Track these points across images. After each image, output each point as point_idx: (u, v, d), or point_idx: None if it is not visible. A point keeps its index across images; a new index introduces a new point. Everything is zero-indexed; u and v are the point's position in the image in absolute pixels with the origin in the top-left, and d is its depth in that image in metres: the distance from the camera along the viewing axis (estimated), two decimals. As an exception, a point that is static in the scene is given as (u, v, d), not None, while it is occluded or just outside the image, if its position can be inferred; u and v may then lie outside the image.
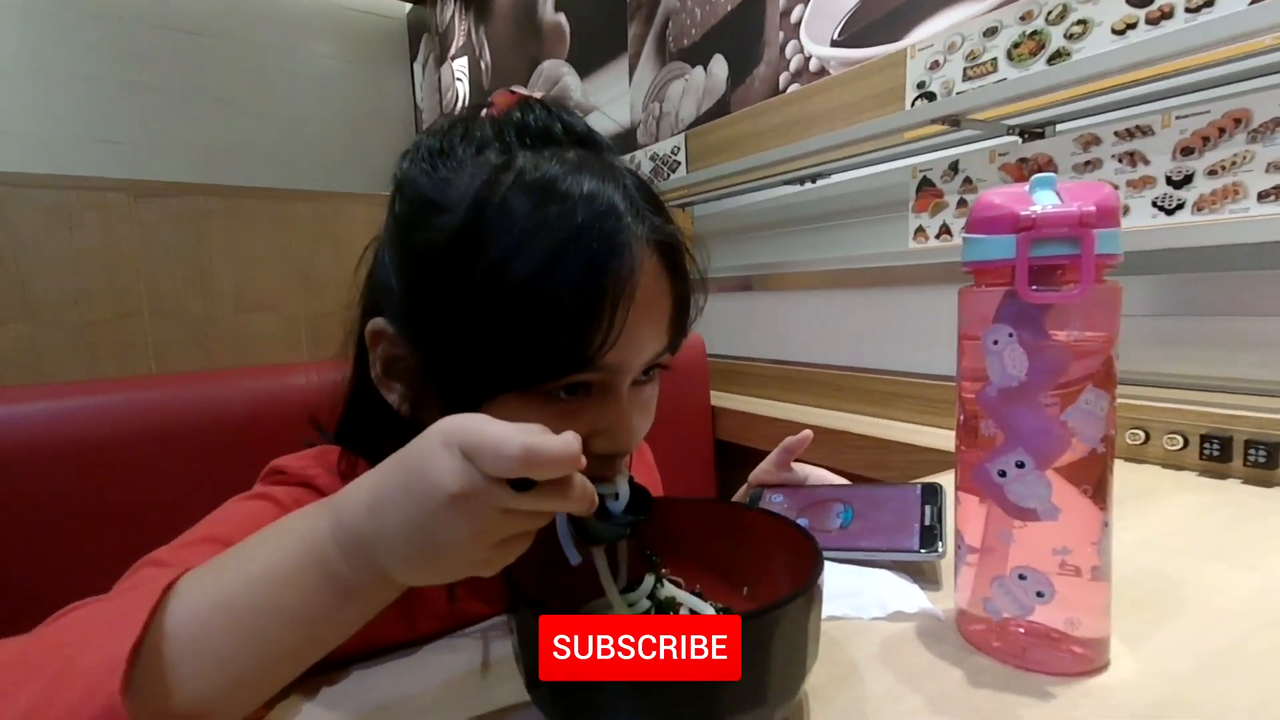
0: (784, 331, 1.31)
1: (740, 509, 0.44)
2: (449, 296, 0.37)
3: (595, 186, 0.37)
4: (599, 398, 0.40)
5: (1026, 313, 0.34)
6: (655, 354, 0.41)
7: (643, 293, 0.37)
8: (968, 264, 0.36)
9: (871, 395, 1.09)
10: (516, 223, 0.35)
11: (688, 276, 0.42)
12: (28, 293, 0.81)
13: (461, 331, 0.37)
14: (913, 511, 0.51)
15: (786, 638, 0.29)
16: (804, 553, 0.35)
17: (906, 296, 1.07)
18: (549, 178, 0.36)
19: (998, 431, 0.36)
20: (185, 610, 0.28)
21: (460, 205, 0.37)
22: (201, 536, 0.39)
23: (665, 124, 1.65)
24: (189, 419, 0.72)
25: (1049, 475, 0.34)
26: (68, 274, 0.83)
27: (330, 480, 0.44)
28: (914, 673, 0.36)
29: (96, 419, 0.68)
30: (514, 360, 0.36)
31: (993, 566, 0.37)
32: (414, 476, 0.27)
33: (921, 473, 0.72)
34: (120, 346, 0.86)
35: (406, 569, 0.28)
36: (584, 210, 0.35)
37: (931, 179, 1.03)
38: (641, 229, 0.37)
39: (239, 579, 0.29)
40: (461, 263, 0.36)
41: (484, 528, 0.27)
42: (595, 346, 0.36)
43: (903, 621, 0.41)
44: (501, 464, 0.25)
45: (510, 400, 0.38)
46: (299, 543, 0.29)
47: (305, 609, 0.28)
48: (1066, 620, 0.35)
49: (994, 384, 0.35)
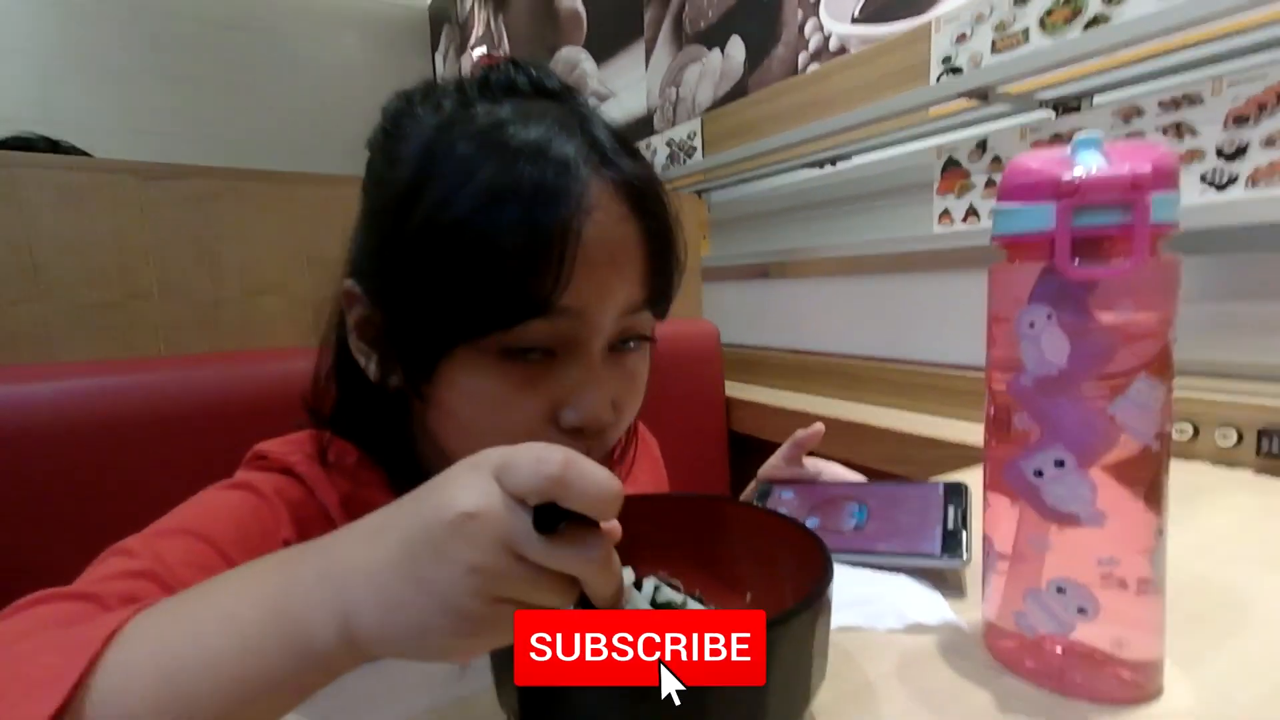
0: (801, 320, 1.26)
1: (743, 507, 0.40)
2: (397, 246, 0.36)
3: (545, 130, 0.36)
4: (566, 359, 0.37)
5: (1068, 291, 0.30)
6: (628, 304, 0.38)
7: (601, 233, 0.35)
8: (999, 237, 0.32)
9: (892, 386, 1.04)
10: (458, 164, 0.34)
11: (665, 223, 0.39)
12: (40, 274, 0.81)
13: (408, 281, 0.36)
14: (934, 512, 0.47)
15: (789, 654, 0.26)
16: (812, 558, 0.32)
17: (930, 282, 1.02)
18: (497, 122, 0.36)
19: (1033, 425, 0.32)
20: (122, 674, 0.24)
21: (412, 156, 0.36)
22: (175, 527, 0.37)
23: (682, 109, 1.61)
24: (197, 401, 0.72)
25: (1093, 475, 0.30)
26: (77, 255, 0.83)
27: (310, 467, 0.42)
28: (935, 693, 0.32)
29: (105, 399, 0.68)
30: (459, 306, 0.35)
31: (1026, 577, 0.33)
32: (429, 491, 0.24)
33: (945, 469, 0.68)
34: (129, 328, 0.86)
35: (376, 613, 0.22)
36: (529, 152, 0.34)
37: (957, 159, 0.97)
38: (598, 170, 0.36)
39: (188, 640, 0.24)
40: (408, 211, 0.35)
41: (485, 564, 0.21)
42: (547, 288, 0.34)
43: (922, 634, 0.38)
44: (538, 472, 0.22)
45: (468, 357, 0.36)
46: (267, 594, 0.25)
47: (254, 679, 0.23)
48: (1113, 639, 0.31)
49: (1029, 372, 0.31)
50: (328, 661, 0.23)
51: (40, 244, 0.77)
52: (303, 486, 0.42)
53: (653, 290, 0.39)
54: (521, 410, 0.37)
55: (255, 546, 0.38)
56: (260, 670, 0.23)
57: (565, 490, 0.21)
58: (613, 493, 0.22)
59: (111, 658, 0.24)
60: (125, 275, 0.83)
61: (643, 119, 1.73)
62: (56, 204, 0.77)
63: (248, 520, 0.39)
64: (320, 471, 0.43)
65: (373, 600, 0.22)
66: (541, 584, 0.22)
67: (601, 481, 0.22)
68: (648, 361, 0.43)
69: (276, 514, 0.40)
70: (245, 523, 0.39)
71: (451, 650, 0.23)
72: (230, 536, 0.38)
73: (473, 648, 0.23)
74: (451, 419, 0.40)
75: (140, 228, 0.84)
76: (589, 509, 0.22)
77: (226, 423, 0.71)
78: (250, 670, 0.23)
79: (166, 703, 0.23)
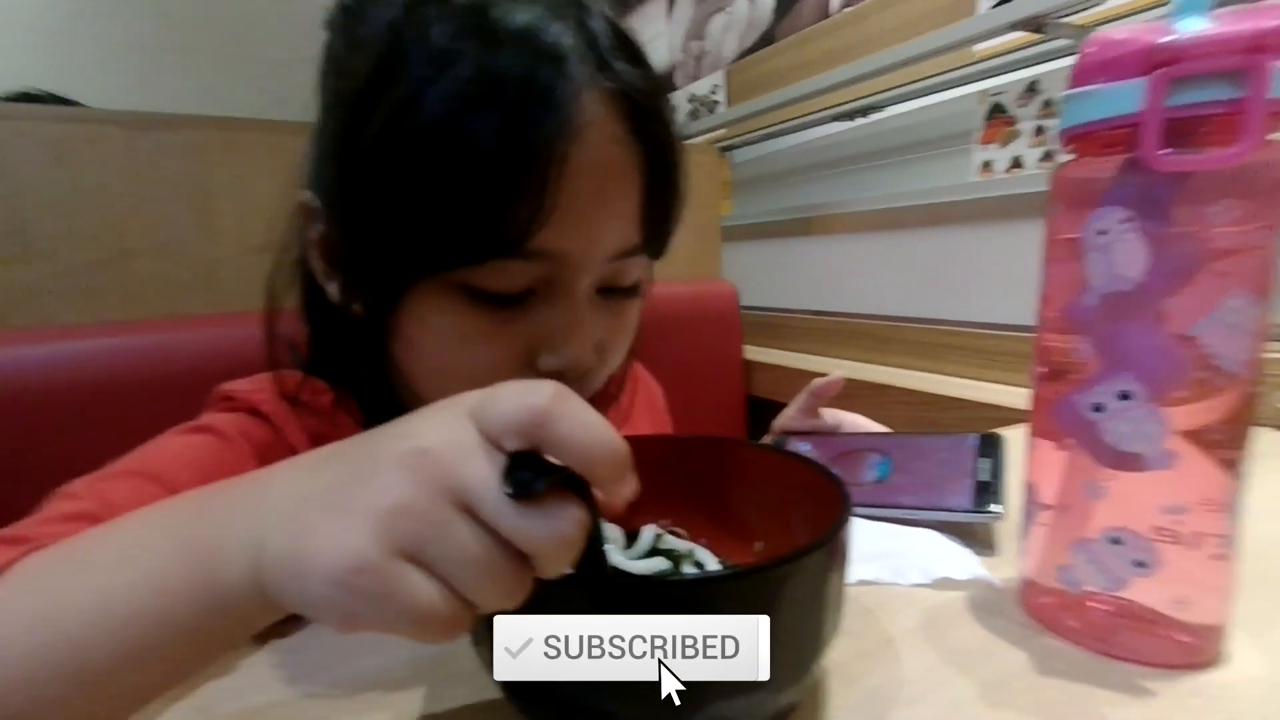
0: (825, 281, 1.21)
1: (753, 448, 0.36)
2: (355, 153, 0.31)
3: (536, 17, 0.29)
4: (546, 296, 0.33)
5: (1151, 190, 0.25)
6: (619, 246, 0.33)
7: (593, 157, 0.30)
8: (1069, 130, 0.27)
9: (921, 348, 0.99)
10: (431, 52, 0.29)
11: (667, 148, 0.33)
12: (29, 233, 0.78)
13: (366, 196, 0.31)
14: (965, 464, 0.43)
15: (797, 601, 0.22)
16: (830, 502, 0.28)
17: (967, 236, 0.96)
18: (479, 3, 0.30)
19: (1093, 354, 0.27)
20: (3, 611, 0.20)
21: (376, 40, 0.31)
22: (127, 469, 0.34)
23: (706, 63, 1.53)
24: (196, 364, 0.69)
25: (1164, 410, 0.26)
26: (63, 212, 0.80)
27: (277, 406, 0.39)
28: (964, 652, 0.29)
29: (101, 364, 0.66)
30: (426, 232, 0.30)
31: (1073, 527, 0.29)
32: (391, 426, 0.19)
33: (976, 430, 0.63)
34: (123, 288, 0.83)
35: (280, 539, 0.18)
36: (515, 44, 0.29)
37: (1004, 104, 0.90)
38: (594, 74, 0.30)
39: (80, 577, 0.21)
40: (369, 103, 0.30)
41: (414, 506, 0.17)
42: (523, 222, 0.29)
43: (950, 590, 0.34)
44: (520, 403, 0.17)
45: (433, 290, 0.32)
46: (178, 523, 0.21)
47: (151, 619, 0.19)
48: (1174, 599, 0.27)
49: (1094, 289, 0.27)
50: (236, 602, 0.19)
51: (27, 201, 0.74)
52: (269, 427, 0.39)
53: (649, 230, 0.34)
54: (491, 352, 0.33)
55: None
56: (158, 610, 0.19)
57: (551, 427, 0.17)
58: (610, 445, 0.17)
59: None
60: (115, 233, 0.79)
61: (663, 75, 1.66)
62: (41, 159, 0.74)
63: (207, 463, 0.36)
64: (288, 411, 0.39)
65: (285, 526, 0.18)
66: (478, 556, 0.16)
67: (597, 426, 0.17)
68: (641, 301, 0.39)
69: (240, 454, 0.37)
70: (204, 464, 0.36)
71: (326, 604, 0.17)
72: (186, 479, 0.34)
73: (351, 610, 0.17)
74: (417, 355, 0.36)
75: (127, 181, 0.81)
76: (578, 459, 0.17)
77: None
78: (147, 609, 0.19)
79: (46, 644, 0.19)
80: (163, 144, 0.81)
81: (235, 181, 0.87)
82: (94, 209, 0.78)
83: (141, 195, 0.81)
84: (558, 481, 0.17)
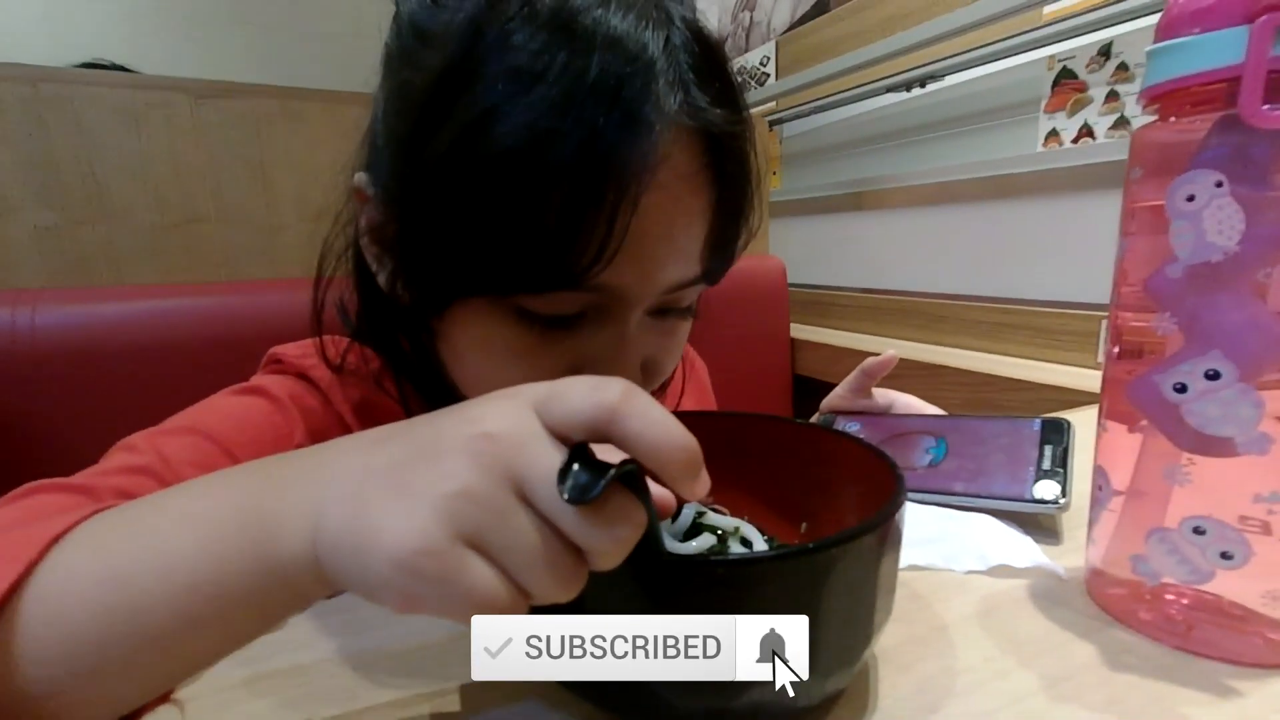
0: (876, 257, 1.17)
1: (801, 426, 0.35)
2: (420, 158, 0.29)
3: (628, 28, 0.27)
4: (596, 319, 0.32)
5: (1248, 150, 0.23)
6: (678, 280, 0.32)
7: (663, 200, 0.28)
8: (1152, 88, 0.25)
9: (979, 327, 0.95)
10: (512, 65, 0.27)
11: (742, 185, 0.32)
12: (104, 196, 0.82)
13: (430, 206, 0.30)
14: (1028, 450, 0.41)
15: (847, 584, 0.22)
16: (883, 482, 0.27)
17: (1028, 210, 0.91)
18: (570, 8, 0.27)
19: (1175, 330, 0.25)
20: (65, 574, 0.21)
21: (451, 36, 0.29)
22: (183, 425, 0.36)
23: (756, 34, 1.49)
24: (256, 324, 0.73)
25: (1259, 391, 0.24)
26: (137, 177, 0.84)
27: (324, 372, 0.40)
28: (1025, 642, 0.27)
29: (170, 322, 0.71)
30: (487, 256, 0.29)
31: (1149, 515, 0.27)
32: (455, 409, 0.19)
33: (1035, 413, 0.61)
34: (189, 251, 0.88)
35: (341, 515, 0.18)
36: (602, 60, 0.26)
37: (1073, 69, 0.85)
38: (676, 107, 0.28)
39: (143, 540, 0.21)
40: (440, 110, 0.28)
41: (478, 492, 0.16)
42: (589, 258, 0.27)
43: (1009, 577, 0.33)
44: (591, 398, 0.17)
45: (484, 305, 0.31)
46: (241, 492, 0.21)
47: (210, 587, 0.19)
48: (1263, 593, 0.25)
49: (1180, 260, 0.24)
50: (290, 573, 0.19)
51: (103, 166, 0.79)
52: (318, 393, 0.40)
53: (710, 265, 0.33)
54: (534, 368, 0.32)
55: (265, 449, 0.37)
56: (215, 577, 0.19)
57: (623, 424, 0.17)
58: (682, 442, 0.17)
59: (57, 557, 0.21)
60: (183, 198, 0.84)
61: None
62: (113, 124, 0.78)
63: (260, 422, 0.37)
64: (335, 378, 0.40)
65: (346, 500, 0.18)
66: (537, 547, 0.17)
67: (668, 424, 0.17)
68: (692, 317, 0.38)
69: (290, 419, 0.38)
70: (257, 424, 0.37)
71: (387, 585, 0.17)
72: (239, 439, 0.36)
73: (412, 592, 0.16)
74: (459, 360, 0.36)
75: (195, 150, 0.85)
76: (649, 456, 0.17)
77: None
78: (204, 576, 0.19)
79: (110, 607, 0.20)
80: (226, 111, 0.84)
81: (295, 150, 0.89)
82: (164, 175, 0.83)
83: (207, 162, 0.85)
84: (614, 479, 0.16)
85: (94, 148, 0.79)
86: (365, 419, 0.41)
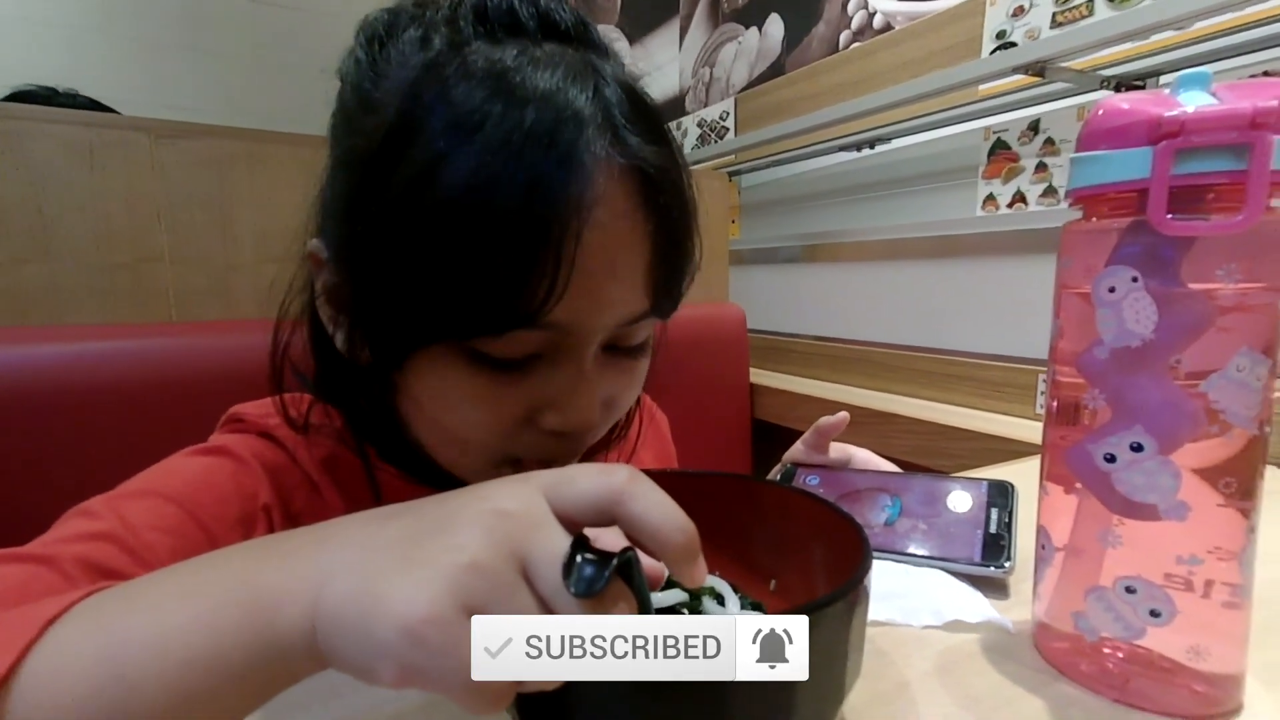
0: (832, 307, 1.22)
1: (768, 486, 0.37)
2: (368, 216, 0.31)
3: (556, 84, 0.29)
4: (551, 359, 0.33)
5: (1159, 252, 0.26)
6: (627, 315, 0.33)
7: (604, 235, 0.29)
8: (1078, 190, 0.28)
9: (926, 377, 1.00)
10: (453, 118, 0.29)
11: (679, 218, 0.33)
12: (50, 233, 0.79)
13: (381, 260, 0.31)
14: (976, 513, 0.44)
15: (824, 647, 0.23)
16: (847, 543, 0.29)
17: (970, 269, 0.97)
18: (499, 69, 0.29)
19: (1104, 405, 0.28)
20: (60, 654, 0.20)
21: (393, 99, 0.30)
22: (142, 489, 0.35)
23: (715, 89, 1.56)
24: (208, 368, 0.71)
25: (1176, 462, 0.26)
26: (88, 215, 0.81)
27: (288, 431, 0.39)
28: (981, 698, 0.29)
29: (114, 364, 0.68)
30: (441, 303, 0.30)
31: (1087, 574, 0.29)
32: (463, 490, 0.20)
33: (980, 462, 0.64)
34: (140, 291, 0.84)
35: (347, 583, 0.18)
36: (537, 109, 0.28)
37: (1007, 141, 0.92)
38: (607, 148, 0.30)
39: (138, 617, 0.21)
40: (386, 166, 0.30)
41: (489, 567, 0.17)
42: (538, 299, 0.29)
43: (962, 632, 0.34)
44: (600, 481, 0.19)
45: (439, 353, 0.32)
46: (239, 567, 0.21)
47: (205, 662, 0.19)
48: (1189, 649, 0.27)
49: (1106, 343, 0.27)
50: (287, 645, 0.19)
51: (50, 202, 0.75)
52: (283, 450, 0.40)
53: (657, 298, 0.34)
54: (496, 412, 0.33)
55: (231, 511, 0.36)
56: (213, 650, 0.19)
57: (628, 505, 0.19)
58: (681, 525, 0.19)
59: (53, 635, 0.20)
60: (136, 237, 0.81)
61: (675, 100, 1.69)
62: (66, 161, 0.75)
63: (223, 483, 0.37)
64: (299, 437, 0.40)
65: (354, 569, 0.18)
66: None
67: (669, 507, 0.19)
68: (649, 355, 0.39)
69: (254, 477, 0.38)
70: (220, 484, 0.36)
71: (387, 654, 0.17)
72: (203, 499, 0.35)
73: (411, 662, 0.17)
74: (418, 410, 0.36)
75: (152, 188, 0.82)
76: (651, 537, 0.19)
77: (238, 391, 0.70)
78: (201, 650, 0.19)
79: (103, 688, 0.19)
80: (188, 152, 0.83)
81: (254, 191, 0.88)
82: (117, 213, 0.80)
83: (163, 202, 0.83)
84: (613, 569, 0.18)
85: (45, 185, 0.77)
86: (332, 475, 0.40)
